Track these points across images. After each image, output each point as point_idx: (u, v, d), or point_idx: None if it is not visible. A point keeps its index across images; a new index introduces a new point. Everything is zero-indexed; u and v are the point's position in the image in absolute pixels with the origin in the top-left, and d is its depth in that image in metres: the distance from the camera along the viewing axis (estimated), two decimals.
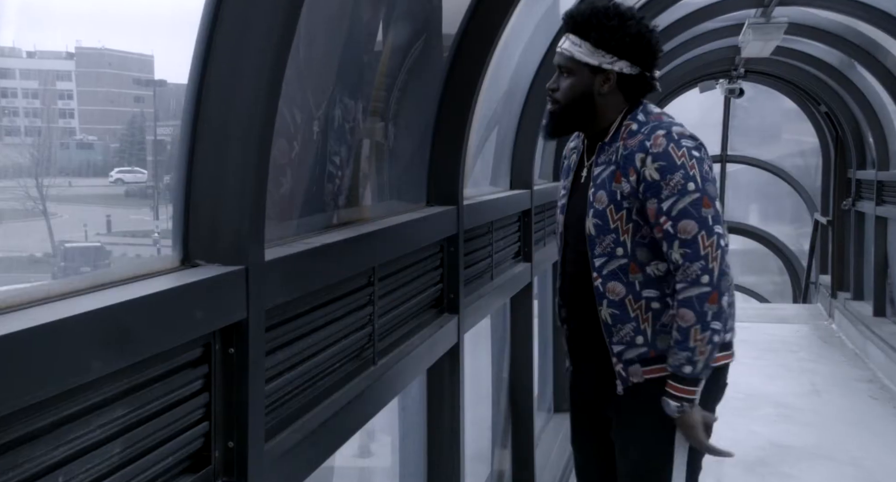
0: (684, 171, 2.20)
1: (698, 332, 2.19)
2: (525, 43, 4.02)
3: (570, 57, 2.29)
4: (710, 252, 2.19)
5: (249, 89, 1.35)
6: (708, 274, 2.19)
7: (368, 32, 2.32)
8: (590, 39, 2.25)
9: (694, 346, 2.20)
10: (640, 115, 2.32)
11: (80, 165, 1.48)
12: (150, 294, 1.13)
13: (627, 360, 2.33)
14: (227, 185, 1.34)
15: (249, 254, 1.35)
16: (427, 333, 2.45)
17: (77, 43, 1.43)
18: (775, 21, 6.51)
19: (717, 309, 2.19)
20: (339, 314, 1.85)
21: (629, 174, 2.25)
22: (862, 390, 6.88)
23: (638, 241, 2.28)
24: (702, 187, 2.21)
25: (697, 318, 2.19)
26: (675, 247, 2.21)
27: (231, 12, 1.33)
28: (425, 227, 2.50)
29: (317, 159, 2.07)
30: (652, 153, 2.22)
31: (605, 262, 2.31)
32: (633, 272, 2.29)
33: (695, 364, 2.21)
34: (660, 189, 2.21)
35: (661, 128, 2.25)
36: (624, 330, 2.32)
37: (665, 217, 2.21)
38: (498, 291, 3.42)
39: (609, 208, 2.29)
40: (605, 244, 2.30)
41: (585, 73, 2.29)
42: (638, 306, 2.30)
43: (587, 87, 2.30)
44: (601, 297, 2.33)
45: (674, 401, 2.25)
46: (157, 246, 1.57)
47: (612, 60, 2.26)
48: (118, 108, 1.63)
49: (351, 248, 1.88)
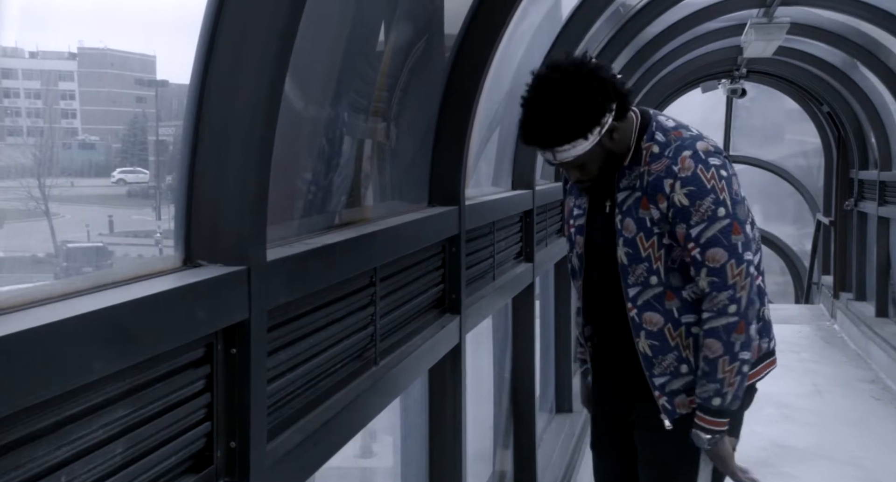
0: (714, 196, 2.16)
1: (726, 364, 2.15)
2: (527, 43, 4.02)
3: (574, 157, 2.19)
4: (738, 281, 2.15)
5: (251, 90, 1.35)
6: (735, 303, 2.15)
7: (370, 32, 2.33)
8: (565, 142, 2.15)
9: (722, 378, 2.16)
10: (658, 134, 2.25)
11: (82, 165, 1.49)
12: (152, 294, 1.13)
13: (672, 391, 2.28)
14: (229, 185, 1.34)
15: (251, 254, 1.35)
16: (429, 334, 2.44)
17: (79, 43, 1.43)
18: (777, 21, 6.50)
19: (744, 338, 2.16)
20: (341, 314, 1.85)
21: (658, 201, 2.20)
22: (864, 391, 6.88)
23: (670, 267, 2.24)
24: (732, 212, 2.17)
25: (725, 350, 2.15)
26: (703, 274, 2.17)
27: (233, 13, 1.33)
28: (427, 227, 2.50)
29: (318, 159, 2.07)
30: (681, 178, 2.17)
31: (640, 292, 2.27)
32: (668, 299, 2.25)
33: (724, 396, 2.18)
34: (689, 215, 2.17)
35: (686, 147, 2.20)
36: (666, 360, 2.27)
37: (694, 244, 2.17)
38: (499, 292, 3.42)
39: (639, 236, 2.24)
40: (638, 273, 2.26)
41: (595, 151, 2.20)
42: (678, 334, 2.25)
43: (603, 153, 2.22)
44: (638, 329, 2.28)
45: (704, 433, 2.21)
46: (159, 246, 1.57)
47: (597, 130, 2.16)
48: (120, 109, 1.64)
49: (352, 249, 1.88)
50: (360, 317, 1.96)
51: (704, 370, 2.18)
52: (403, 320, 2.32)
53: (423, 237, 2.45)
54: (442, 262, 2.67)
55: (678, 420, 2.28)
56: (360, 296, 1.96)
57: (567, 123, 2.13)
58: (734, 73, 9.51)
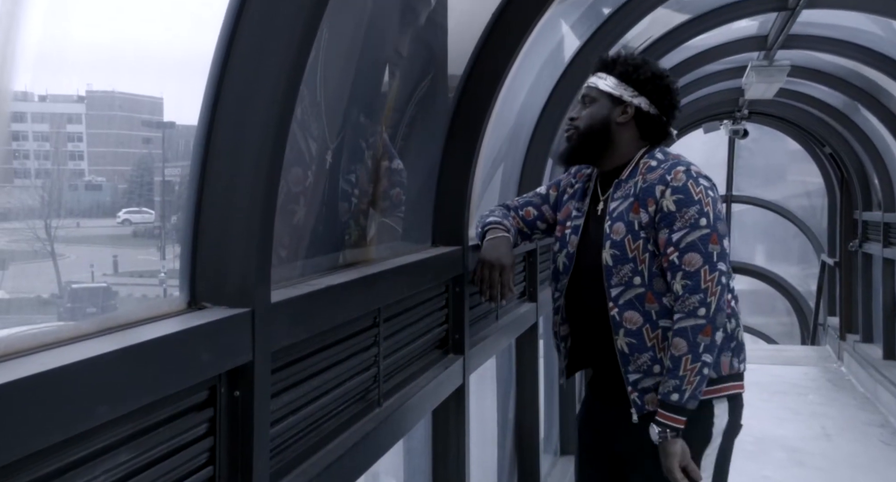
0: (699, 207, 2.29)
1: (689, 362, 2.25)
2: (530, 84, 4.07)
3: (595, 87, 2.44)
4: (710, 287, 2.26)
5: (258, 131, 1.36)
6: (705, 307, 2.26)
7: (375, 73, 2.35)
8: (614, 73, 2.40)
9: (683, 375, 2.26)
10: (659, 153, 2.43)
11: (88, 206, 1.49)
12: (158, 337, 1.13)
13: (643, 389, 2.36)
14: (234, 226, 1.35)
15: (255, 296, 1.35)
16: (432, 374, 2.44)
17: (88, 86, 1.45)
18: (778, 64, 6.57)
19: (708, 341, 2.26)
20: (345, 355, 1.85)
21: (647, 204, 2.33)
22: (873, 435, 6.80)
23: (655, 272, 2.34)
24: (713, 224, 2.29)
25: (689, 348, 2.25)
26: (678, 277, 2.28)
27: (241, 55, 1.35)
28: (431, 267, 2.50)
29: (322, 200, 2.08)
30: (672, 186, 2.31)
31: (622, 292, 2.36)
32: (649, 302, 2.35)
33: (682, 392, 2.26)
34: (674, 220, 2.29)
35: (681, 165, 2.36)
36: (641, 359, 2.36)
37: (673, 248, 2.29)
38: (503, 332, 3.41)
39: (627, 238, 2.35)
40: (623, 274, 2.36)
41: (606, 103, 2.42)
42: (654, 336, 2.34)
43: (606, 116, 2.42)
44: (618, 327, 2.37)
45: (658, 426, 2.29)
46: (164, 285, 1.57)
47: (633, 94, 2.39)
48: (127, 150, 1.65)
49: (357, 289, 1.88)
50: (363, 358, 1.96)
51: (668, 367, 2.28)
52: (407, 361, 2.32)
53: (427, 277, 2.46)
54: (445, 303, 2.67)
55: (644, 416, 2.35)
56: (363, 337, 1.96)
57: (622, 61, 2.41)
58: (736, 114, 9.58)
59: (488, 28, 2.82)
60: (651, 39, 5.50)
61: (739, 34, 6.48)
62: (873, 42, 6.41)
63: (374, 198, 2.37)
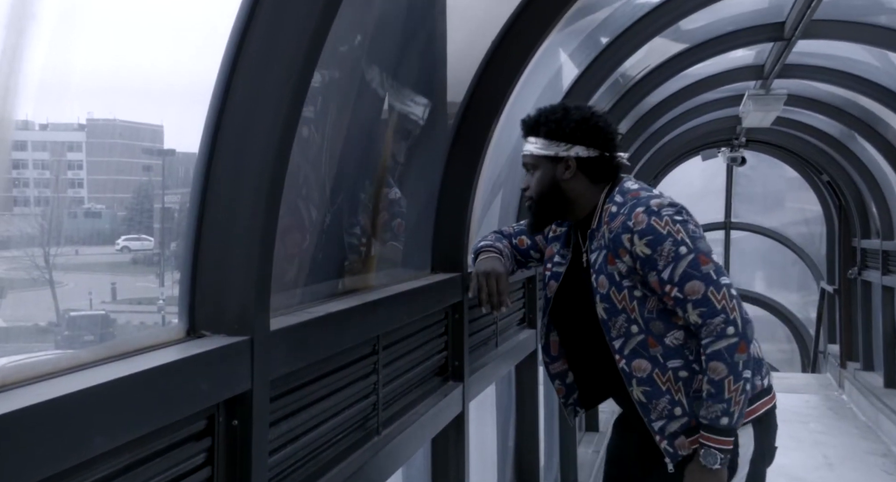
0: (672, 238, 2.27)
1: (731, 383, 2.22)
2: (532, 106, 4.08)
3: (530, 154, 2.45)
4: (725, 304, 2.24)
5: (258, 159, 1.36)
6: (732, 325, 2.23)
7: (375, 99, 2.36)
8: (541, 134, 2.41)
9: (729, 397, 2.22)
10: (618, 196, 2.40)
11: (87, 234, 1.49)
12: (156, 366, 1.12)
13: (671, 434, 2.34)
14: (234, 254, 1.34)
15: (255, 324, 1.34)
16: (432, 402, 2.42)
17: (89, 114, 1.46)
18: (775, 93, 6.61)
19: (746, 358, 2.23)
20: (344, 383, 1.84)
21: (620, 255, 2.32)
22: (875, 465, 6.75)
23: (648, 317, 2.33)
24: (693, 246, 2.28)
25: (729, 370, 2.22)
26: (690, 309, 2.26)
27: (243, 83, 1.36)
28: (430, 294, 2.49)
29: (322, 227, 2.07)
30: (636, 231, 2.29)
31: (624, 343, 2.36)
32: (652, 346, 2.33)
33: (731, 415, 2.24)
34: (655, 261, 2.28)
35: (640, 204, 2.33)
36: (660, 404, 2.34)
37: (670, 285, 2.27)
38: (503, 358, 3.39)
39: (612, 290, 2.35)
40: (619, 325, 2.36)
41: (547, 165, 2.42)
42: (667, 378, 2.33)
43: (551, 178, 2.42)
44: (629, 378, 2.36)
45: (718, 452, 2.25)
46: (162, 313, 1.56)
47: (567, 148, 2.40)
48: (127, 177, 1.65)
49: (356, 317, 1.88)
50: (362, 385, 1.95)
51: (710, 392, 2.24)
52: (406, 388, 2.30)
53: (426, 304, 2.45)
54: (445, 329, 2.66)
55: (681, 463, 2.32)
56: (362, 365, 1.95)
57: (544, 120, 2.41)
58: (734, 141, 9.62)
59: (488, 55, 2.84)
60: (648, 68, 5.54)
61: (736, 63, 6.53)
62: (869, 72, 6.45)
63: (374, 229, 2.38)
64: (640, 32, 4.37)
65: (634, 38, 4.38)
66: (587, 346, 2.48)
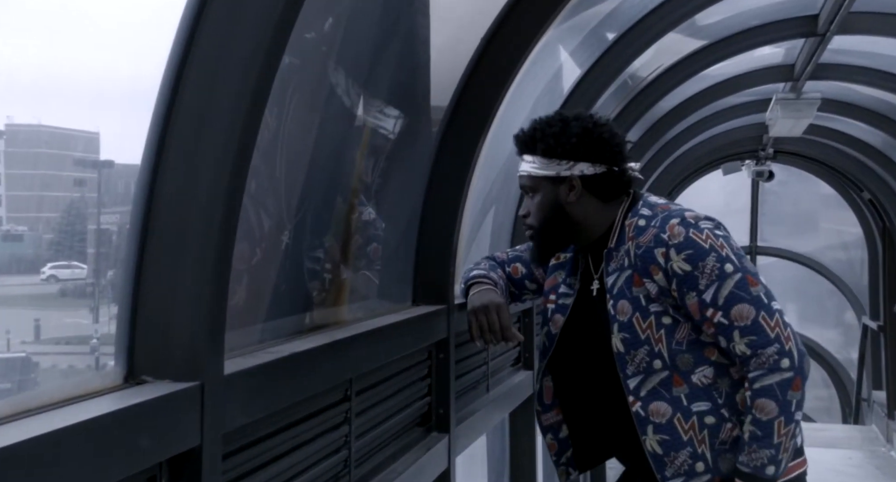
0: (716, 254, 2.25)
1: (783, 426, 2.19)
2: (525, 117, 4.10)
3: (528, 176, 2.41)
4: (779, 332, 2.20)
5: (212, 173, 1.36)
6: (788, 357, 2.19)
7: (348, 107, 2.36)
8: (538, 153, 2.37)
9: (779, 442, 2.19)
10: (644, 209, 2.38)
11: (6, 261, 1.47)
12: (86, 420, 1.11)
13: None
14: (182, 285, 1.33)
15: (206, 367, 1.34)
16: (412, 457, 2.42)
17: (8, 119, 1.44)
18: (807, 97, 6.66)
19: (800, 397, 2.20)
20: (310, 436, 1.83)
21: (652, 273, 2.28)
22: None
23: (676, 349, 2.29)
24: (741, 266, 2.25)
25: (781, 410, 2.18)
26: (737, 337, 2.22)
27: (194, 84, 1.35)
28: (411, 330, 2.49)
29: (286, 254, 2.06)
30: (673, 244, 2.26)
31: (642, 381, 2.31)
32: (676, 385, 2.29)
33: (778, 464, 2.20)
34: (696, 280, 2.24)
35: (673, 216, 2.31)
36: (679, 458, 2.29)
37: (713, 308, 2.23)
38: (495, 405, 3.39)
39: (635, 317, 2.31)
40: (639, 360, 2.31)
41: (548, 187, 2.38)
42: (690, 425, 2.28)
43: (554, 201, 2.39)
44: (644, 424, 2.30)
45: None
46: (96, 354, 1.54)
47: (570, 166, 2.37)
48: (55, 194, 1.64)
49: (324, 357, 1.88)
50: (332, 438, 1.94)
51: (756, 434, 2.20)
52: (383, 441, 2.30)
53: (407, 342, 2.45)
54: (428, 371, 2.66)
55: None
56: (332, 414, 1.95)
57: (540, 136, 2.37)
58: (760, 153, 9.71)
59: (477, 55, 2.86)
60: (662, 68, 5.60)
61: (762, 63, 6.60)
62: None
63: (345, 255, 2.36)
64: (652, 27, 4.42)
65: (645, 34, 4.42)
66: (590, 391, 2.44)
